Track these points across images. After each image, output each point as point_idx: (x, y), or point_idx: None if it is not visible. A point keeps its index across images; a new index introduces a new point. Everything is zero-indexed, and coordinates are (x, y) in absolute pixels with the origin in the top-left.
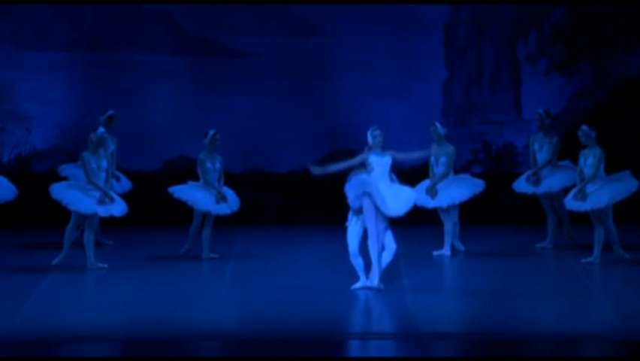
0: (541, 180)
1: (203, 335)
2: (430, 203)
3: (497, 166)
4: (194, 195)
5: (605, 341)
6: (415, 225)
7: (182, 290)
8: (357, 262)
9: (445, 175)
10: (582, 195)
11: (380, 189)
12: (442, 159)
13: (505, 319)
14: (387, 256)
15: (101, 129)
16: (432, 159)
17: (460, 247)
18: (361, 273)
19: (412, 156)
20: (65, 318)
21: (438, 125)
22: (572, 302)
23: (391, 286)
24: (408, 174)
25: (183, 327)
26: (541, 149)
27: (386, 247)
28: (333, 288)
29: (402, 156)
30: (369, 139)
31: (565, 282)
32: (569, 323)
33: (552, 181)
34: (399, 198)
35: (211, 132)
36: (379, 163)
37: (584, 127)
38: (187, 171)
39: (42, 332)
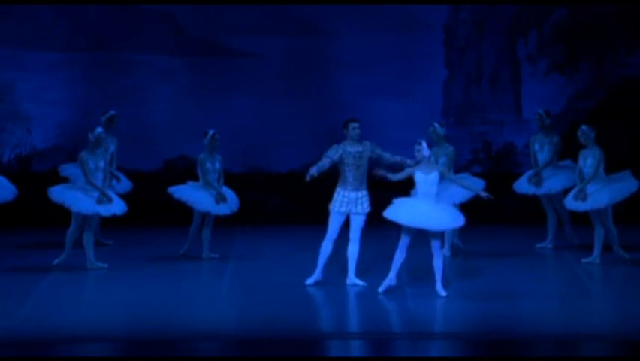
0: (542, 180)
1: (203, 335)
2: None
3: (497, 166)
4: (194, 195)
5: (605, 341)
6: None
7: (182, 290)
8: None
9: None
10: (582, 195)
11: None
12: (442, 160)
13: (505, 319)
14: (355, 250)
15: (99, 129)
16: (432, 159)
17: (461, 244)
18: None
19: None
20: (65, 318)
21: (437, 125)
22: (572, 302)
23: (392, 287)
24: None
25: (183, 327)
26: (541, 149)
27: (352, 239)
28: (333, 288)
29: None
30: (415, 154)
31: (565, 282)
32: (569, 323)
33: (553, 182)
34: (430, 216)
35: (211, 132)
36: (425, 181)
37: (583, 127)
38: (187, 171)
39: (42, 332)
